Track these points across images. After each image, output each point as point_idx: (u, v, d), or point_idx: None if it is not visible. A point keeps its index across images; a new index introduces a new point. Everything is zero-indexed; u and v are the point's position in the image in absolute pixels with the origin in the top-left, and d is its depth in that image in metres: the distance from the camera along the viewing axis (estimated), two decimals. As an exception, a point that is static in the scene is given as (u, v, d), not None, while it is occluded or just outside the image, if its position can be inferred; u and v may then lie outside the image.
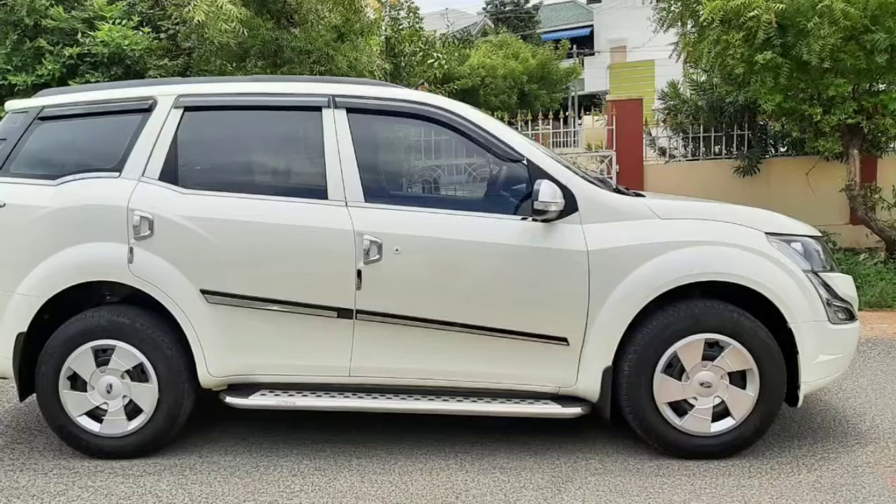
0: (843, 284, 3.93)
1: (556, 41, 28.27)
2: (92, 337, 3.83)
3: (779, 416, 3.94)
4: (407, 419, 4.24)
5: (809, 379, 3.76)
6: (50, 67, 7.50)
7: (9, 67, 7.65)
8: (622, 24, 32.15)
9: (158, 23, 8.50)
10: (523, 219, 3.76)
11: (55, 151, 4.04)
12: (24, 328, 3.85)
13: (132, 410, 3.88)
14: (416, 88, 8.86)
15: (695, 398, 3.74)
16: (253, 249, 3.80)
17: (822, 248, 3.95)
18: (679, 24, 8.63)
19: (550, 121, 11.42)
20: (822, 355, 3.77)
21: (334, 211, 3.80)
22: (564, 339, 3.73)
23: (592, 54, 35.47)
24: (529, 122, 11.15)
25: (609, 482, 3.55)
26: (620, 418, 3.82)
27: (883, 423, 4.23)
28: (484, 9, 37.65)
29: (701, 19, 7.73)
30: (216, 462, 3.87)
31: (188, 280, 3.79)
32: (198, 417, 4.25)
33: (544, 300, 3.72)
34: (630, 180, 9.61)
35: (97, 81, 7.31)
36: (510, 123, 10.33)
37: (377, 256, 3.72)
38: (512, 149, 3.86)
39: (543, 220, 3.72)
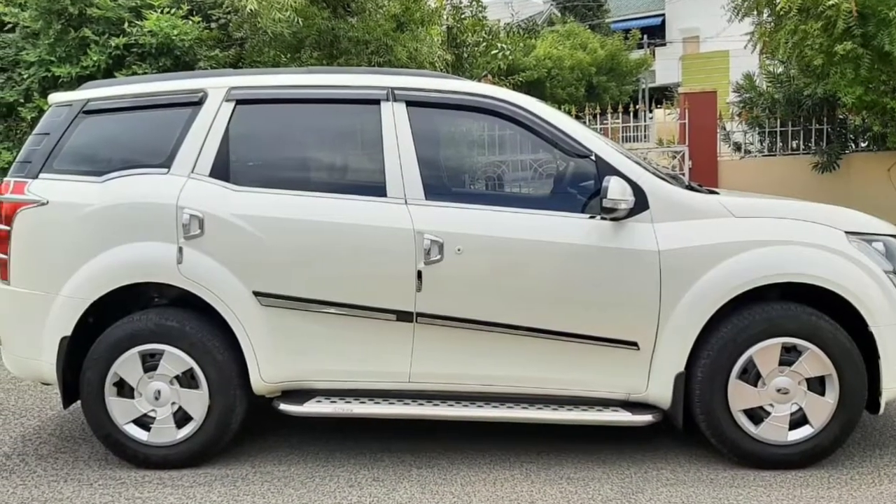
0: (928, 286, 4.07)
1: (626, 31, 28.97)
2: (139, 341, 4.00)
3: (859, 423, 4.08)
4: (469, 427, 4.41)
5: (892, 385, 3.90)
6: (95, 58, 7.64)
7: (52, 59, 7.79)
8: (695, 12, 32.38)
9: (209, 12, 8.65)
10: (591, 217, 3.92)
11: (101, 147, 4.22)
12: (69, 332, 4.01)
13: (181, 418, 4.05)
14: (479, 81, 9.04)
15: (771, 405, 3.89)
16: (308, 249, 3.97)
17: (905, 248, 4.10)
18: (755, 13, 8.82)
19: (620, 114, 11.58)
20: (906, 360, 3.91)
21: (393, 209, 3.96)
22: (634, 344, 3.90)
23: (664, 45, 35.74)
24: (598, 116, 11.36)
25: (681, 493, 3.71)
26: (693, 426, 3.98)
27: (966, 432, 4.39)
28: (550, -4, 37.87)
29: (778, 8, 7.90)
30: (269, 472, 4.04)
31: (240, 281, 3.96)
32: (250, 425, 4.42)
33: (613, 303, 3.89)
34: (703, 177, 9.73)
35: (144, 73, 7.46)
36: (577, 117, 10.47)
37: (438, 257, 3.89)
38: (579, 144, 4.02)
39: (612, 219, 3.88)
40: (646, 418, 3.95)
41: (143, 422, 4.06)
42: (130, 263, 4.01)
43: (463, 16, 10.96)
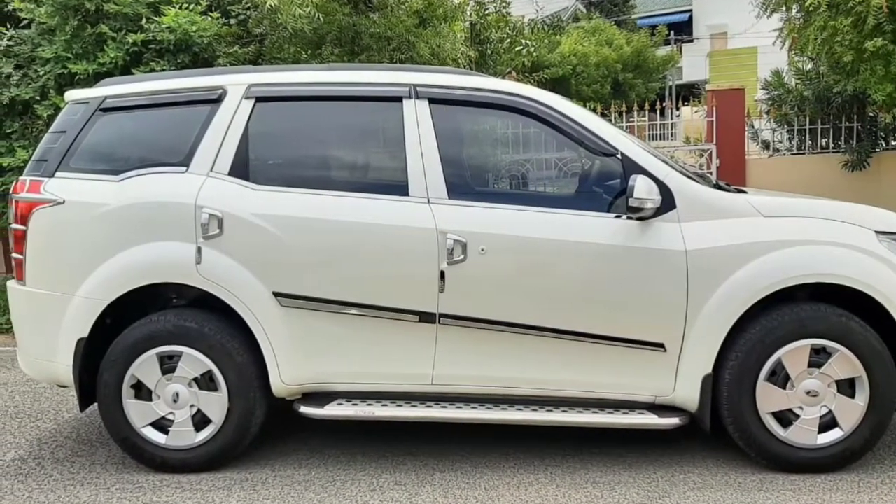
0: (961, 287, 4.07)
1: (653, 27, 29.15)
2: (157, 343, 4.01)
3: (890, 426, 4.06)
4: (493, 430, 4.42)
5: (924, 387, 3.89)
6: (112, 55, 7.63)
7: (69, 55, 7.78)
8: (723, 8, 32.48)
9: (228, 7, 8.64)
10: (617, 217, 3.93)
11: (118, 145, 4.23)
12: (85, 333, 4.03)
13: (200, 421, 4.05)
14: (503, 78, 9.04)
15: (800, 408, 3.90)
16: (329, 249, 3.97)
17: (937, 249, 4.09)
18: (783, 8, 8.81)
19: (646, 112, 11.58)
20: (937, 362, 3.91)
21: (416, 208, 3.97)
22: (661, 345, 3.90)
23: (691, 41, 35.85)
24: (624, 114, 11.33)
25: (709, 497, 3.72)
26: (720, 429, 3.98)
27: None
28: (576, -8, 37.87)
29: (807, 4, 7.87)
30: (290, 476, 4.05)
31: (260, 282, 3.96)
32: (270, 428, 4.43)
33: (639, 303, 3.89)
34: (731, 175, 9.77)
35: (163, 70, 7.46)
36: (603, 115, 10.44)
37: (461, 257, 3.89)
38: (605, 142, 4.03)
39: (639, 218, 3.88)
40: (672, 421, 3.95)
41: (161, 425, 4.07)
42: (148, 264, 4.01)
43: (486, 11, 10.87)
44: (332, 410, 4.02)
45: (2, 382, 6.02)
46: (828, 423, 3.91)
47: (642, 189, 3.78)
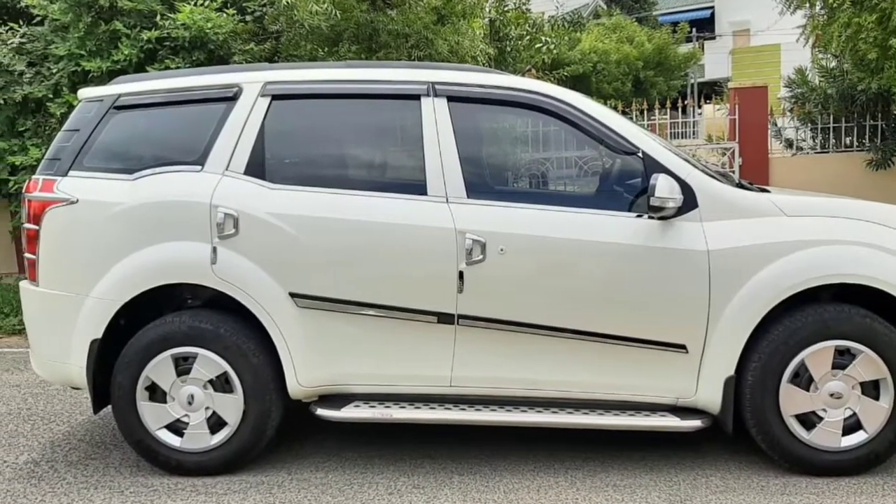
0: None
1: (675, 24, 28.95)
2: (172, 344, 3.97)
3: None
4: (512, 433, 4.38)
5: (949, 390, 3.85)
6: (126, 52, 7.64)
7: (82, 52, 7.80)
8: (745, 5, 32.35)
9: (243, 4, 8.66)
10: (638, 216, 3.89)
11: (132, 143, 4.20)
12: (99, 335, 3.99)
13: (215, 423, 4.02)
14: (523, 75, 9.00)
15: (824, 410, 3.85)
16: (346, 249, 3.94)
17: (964, 249, 4.05)
18: (807, 5, 8.77)
19: (668, 110, 11.59)
20: (963, 364, 3.88)
21: (434, 208, 3.93)
22: (683, 347, 3.86)
23: (713, 38, 35.73)
24: (645, 112, 11.33)
25: (731, 501, 3.68)
26: (743, 432, 3.94)
27: None
28: (596, -11, 37.87)
29: (830, 0, 7.83)
30: (306, 479, 4.01)
31: (276, 282, 3.93)
32: (286, 431, 4.41)
33: (661, 304, 3.85)
34: (754, 174, 9.72)
35: (177, 67, 7.46)
36: (624, 113, 10.44)
37: (480, 257, 3.85)
38: (626, 140, 3.99)
39: (660, 218, 3.84)
40: (695, 423, 3.91)
41: (176, 427, 4.04)
42: (163, 264, 3.98)
43: (506, 8, 10.86)
44: (350, 413, 3.98)
45: (14, 384, 6.01)
46: (852, 425, 3.86)
47: (664, 188, 3.73)
